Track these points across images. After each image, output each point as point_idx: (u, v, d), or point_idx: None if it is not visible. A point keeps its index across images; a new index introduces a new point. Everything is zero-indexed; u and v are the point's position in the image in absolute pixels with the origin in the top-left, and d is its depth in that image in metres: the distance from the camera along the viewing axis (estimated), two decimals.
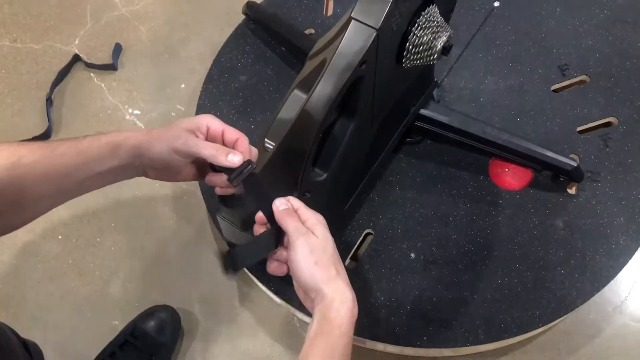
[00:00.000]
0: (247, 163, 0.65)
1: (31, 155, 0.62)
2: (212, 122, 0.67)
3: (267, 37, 1.24)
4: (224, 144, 0.68)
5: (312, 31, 1.23)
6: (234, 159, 0.63)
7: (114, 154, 0.65)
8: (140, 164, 0.67)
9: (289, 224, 0.63)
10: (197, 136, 0.66)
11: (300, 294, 0.66)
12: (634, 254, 0.95)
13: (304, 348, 0.59)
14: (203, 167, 0.71)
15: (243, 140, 0.67)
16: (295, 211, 0.65)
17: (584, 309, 0.99)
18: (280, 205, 0.65)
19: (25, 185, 0.62)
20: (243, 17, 1.27)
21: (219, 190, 0.73)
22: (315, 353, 0.58)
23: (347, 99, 0.75)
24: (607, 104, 1.08)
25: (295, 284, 0.66)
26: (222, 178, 0.68)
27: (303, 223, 0.64)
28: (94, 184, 0.67)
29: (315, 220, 0.64)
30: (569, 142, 1.05)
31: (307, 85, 0.74)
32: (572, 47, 1.16)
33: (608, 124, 1.08)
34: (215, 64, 1.22)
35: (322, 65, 0.72)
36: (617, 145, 1.04)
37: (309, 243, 0.61)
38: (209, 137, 0.68)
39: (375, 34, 0.69)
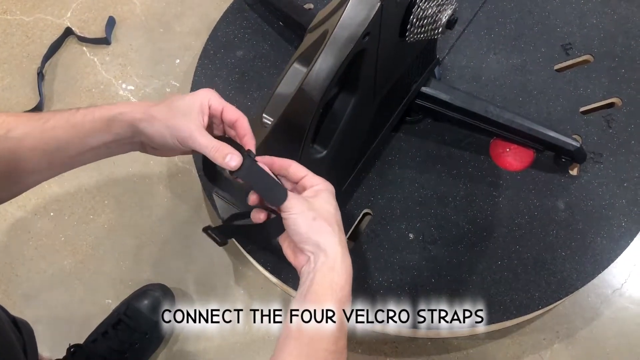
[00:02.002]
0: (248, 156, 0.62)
1: (20, 128, 0.61)
2: (212, 101, 0.65)
3: (265, 11, 1.21)
4: (222, 122, 0.66)
5: (312, 6, 1.20)
6: (231, 163, 0.60)
7: (108, 128, 0.63)
8: (138, 140, 0.65)
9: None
10: (202, 119, 0.64)
11: (289, 253, 0.63)
12: (635, 236, 0.94)
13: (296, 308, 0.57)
14: None
15: (242, 121, 0.65)
16: (302, 178, 0.63)
17: (583, 291, 0.99)
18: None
19: (14, 158, 0.60)
20: None
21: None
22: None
23: (348, 73, 0.73)
24: (611, 84, 1.07)
25: (284, 243, 0.63)
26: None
27: (309, 188, 0.62)
28: (87, 158, 0.65)
29: (321, 187, 0.62)
30: (572, 123, 1.04)
31: (307, 59, 0.72)
32: (576, 26, 1.13)
33: (611, 105, 1.06)
34: (211, 39, 1.20)
35: (323, 38, 0.70)
36: (621, 126, 1.03)
37: (306, 201, 0.59)
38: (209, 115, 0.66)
39: (379, 4, 0.67)
